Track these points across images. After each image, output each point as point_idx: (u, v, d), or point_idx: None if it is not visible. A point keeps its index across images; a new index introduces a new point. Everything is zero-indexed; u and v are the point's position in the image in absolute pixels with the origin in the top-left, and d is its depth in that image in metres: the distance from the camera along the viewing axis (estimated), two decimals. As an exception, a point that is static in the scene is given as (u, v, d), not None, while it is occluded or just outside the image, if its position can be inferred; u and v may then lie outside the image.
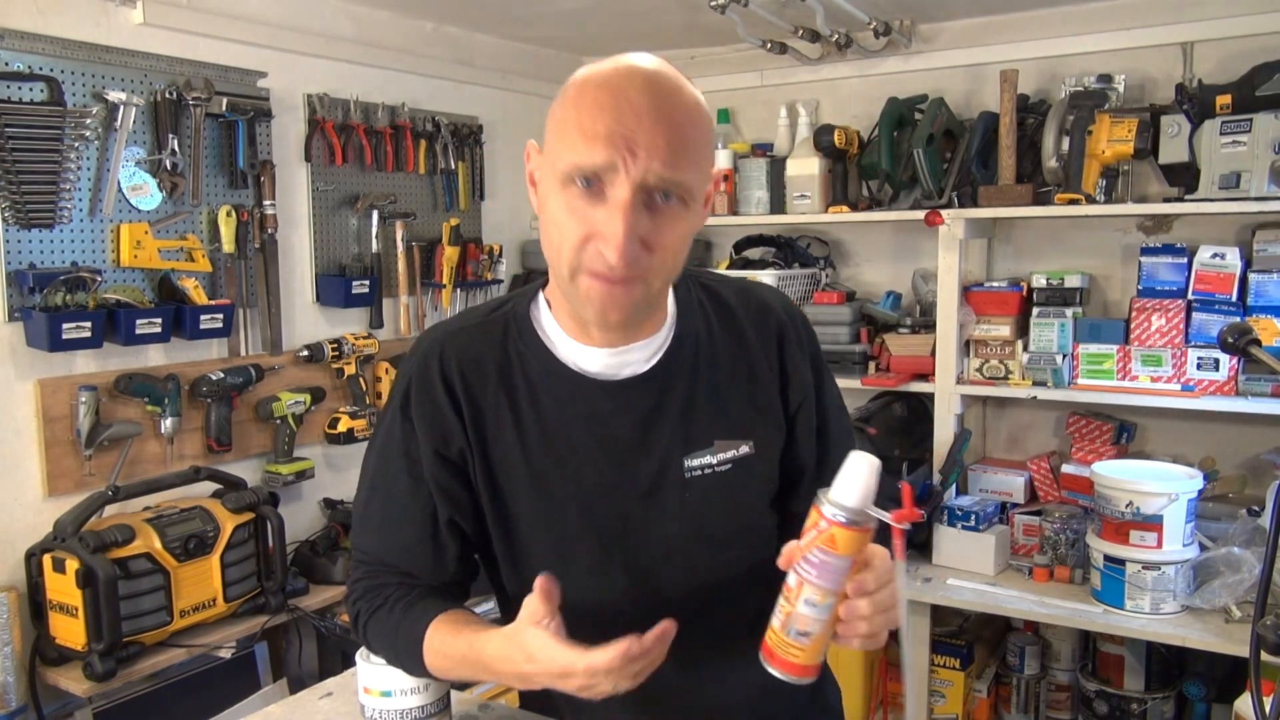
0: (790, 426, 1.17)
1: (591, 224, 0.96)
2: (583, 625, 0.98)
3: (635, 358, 1.10)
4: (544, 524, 1.12)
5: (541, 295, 1.14)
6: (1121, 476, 2.35)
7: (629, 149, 0.94)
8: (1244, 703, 1.86)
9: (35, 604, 2.09)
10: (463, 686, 1.33)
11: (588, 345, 1.10)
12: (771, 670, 0.95)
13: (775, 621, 0.94)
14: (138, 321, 2.24)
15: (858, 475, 0.89)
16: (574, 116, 0.97)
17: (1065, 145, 2.58)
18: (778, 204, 3.09)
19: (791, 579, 0.92)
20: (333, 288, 2.76)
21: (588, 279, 0.98)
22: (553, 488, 1.11)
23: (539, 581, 0.95)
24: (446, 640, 1.06)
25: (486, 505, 1.13)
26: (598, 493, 1.11)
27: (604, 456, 1.10)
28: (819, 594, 0.90)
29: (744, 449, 1.12)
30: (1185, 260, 2.57)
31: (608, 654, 0.90)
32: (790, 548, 0.92)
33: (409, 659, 1.10)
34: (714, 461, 1.11)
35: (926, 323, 2.85)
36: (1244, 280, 2.50)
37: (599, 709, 1.17)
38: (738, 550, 1.15)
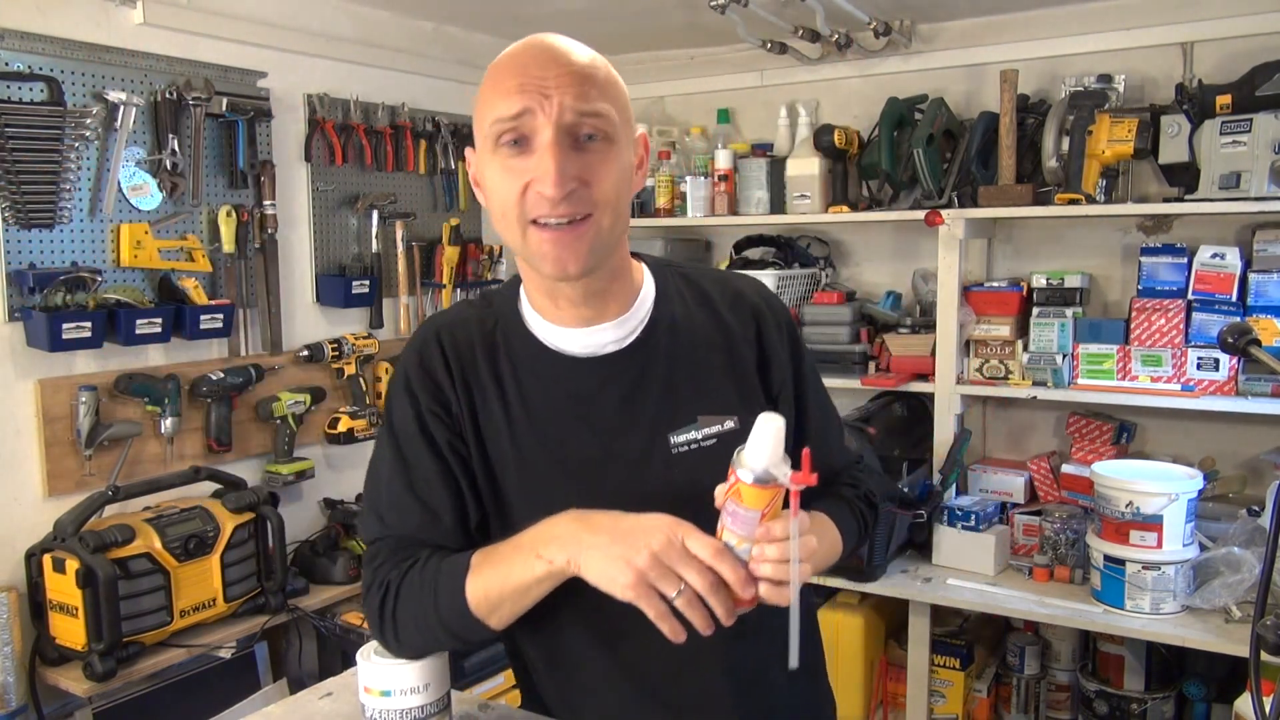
0: (773, 408, 1.16)
1: (526, 173, 1.01)
2: (569, 602, 1.00)
3: (610, 336, 1.13)
4: (534, 503, 1.12)
5: (521, 286, 1.17)
6: (1121, 476, 2.35)
7: (541, 93, 1.00)
8: (1244, 703, 1.86)
9: (35, 604, 2.10)
10: (464, 675, 1.31)
11: (562, 326, 1.13)
12: None
13: None
14: (138, 321, 2.24)
15: (765, 438, 0.95)
16: (489, 88, 1.05)
17: (1065, 145, 2.57)
18: (778, 204, 3.09)
19: (719, 521, 1.00)
20: (333, 288, 2.76)
21: (536, 232, 1.03)
22: (540, 467, 1.13)
23: None
24: (493, 550, 1.06)
25: (482, 487, 1.14)
26: (585, 469, 1.12)
27: (590, 434, 1.12)
28: (735, 539, 0.99)
29: (729, 424, 1.13)
30: (1185, 260, 2.57)
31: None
32: (718, 491, 0.99)
33: (449, 595, 1.06)
34: (699, 437, 1.13)
35: (926, 323, 2.85)
36: (1244, 280, 2.50)
37: (594, 704, 1.17)
38: None
